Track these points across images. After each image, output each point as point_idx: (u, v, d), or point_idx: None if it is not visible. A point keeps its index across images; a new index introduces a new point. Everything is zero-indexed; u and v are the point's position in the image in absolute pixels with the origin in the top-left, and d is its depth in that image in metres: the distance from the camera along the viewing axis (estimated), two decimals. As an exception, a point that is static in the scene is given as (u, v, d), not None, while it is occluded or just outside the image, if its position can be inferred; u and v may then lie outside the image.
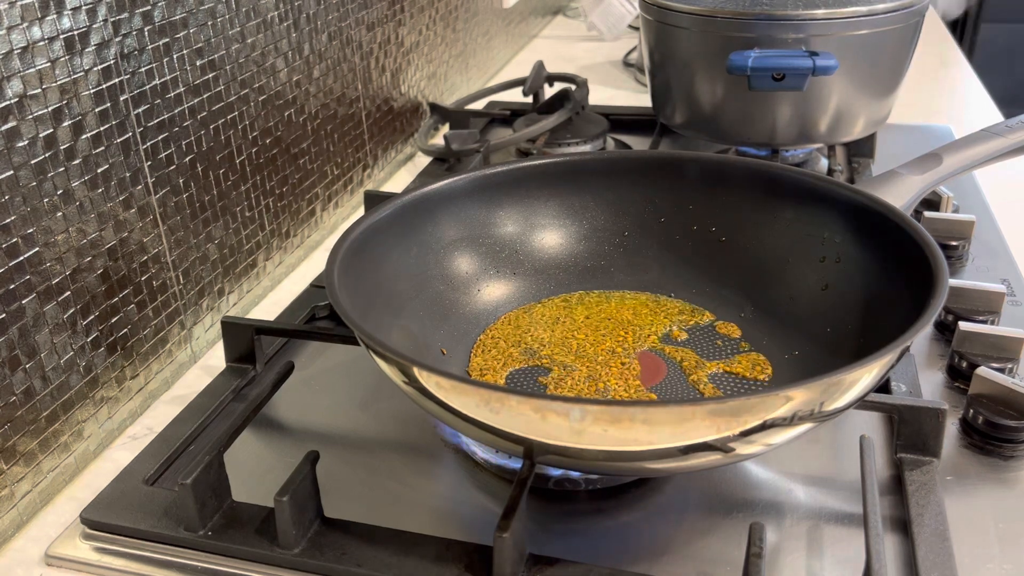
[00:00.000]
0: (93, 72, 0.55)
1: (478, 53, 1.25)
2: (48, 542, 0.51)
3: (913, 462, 0.53)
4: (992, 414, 0.55)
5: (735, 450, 0.43)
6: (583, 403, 0.41)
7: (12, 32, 0.49)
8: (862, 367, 0.42)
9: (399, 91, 1.00)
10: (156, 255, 0.62)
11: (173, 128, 0.63)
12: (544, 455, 0.45)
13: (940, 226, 0.75)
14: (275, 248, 0.78)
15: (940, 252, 0.50)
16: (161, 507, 0.51)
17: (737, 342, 0.61)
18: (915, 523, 0.48)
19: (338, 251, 0.54)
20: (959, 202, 0.82)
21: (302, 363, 0.65)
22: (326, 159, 0.85)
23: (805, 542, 0.49)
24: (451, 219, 0.63)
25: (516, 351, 0.61)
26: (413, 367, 0.44)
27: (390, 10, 0.95)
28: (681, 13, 0.82)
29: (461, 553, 0.47)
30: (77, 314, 0.55)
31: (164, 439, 0.57)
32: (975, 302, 0.65)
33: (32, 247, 0.52)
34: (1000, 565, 0.47)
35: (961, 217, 0.76)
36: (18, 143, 0.50)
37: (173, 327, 0.65)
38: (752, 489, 0.52)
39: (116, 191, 0.58)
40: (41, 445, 0.54)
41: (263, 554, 0.48)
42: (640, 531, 0.50)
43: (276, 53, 0.75)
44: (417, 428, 0.58)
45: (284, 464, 0.55)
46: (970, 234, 0.76)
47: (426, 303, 0.61)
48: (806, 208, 0.61)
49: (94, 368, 0.57)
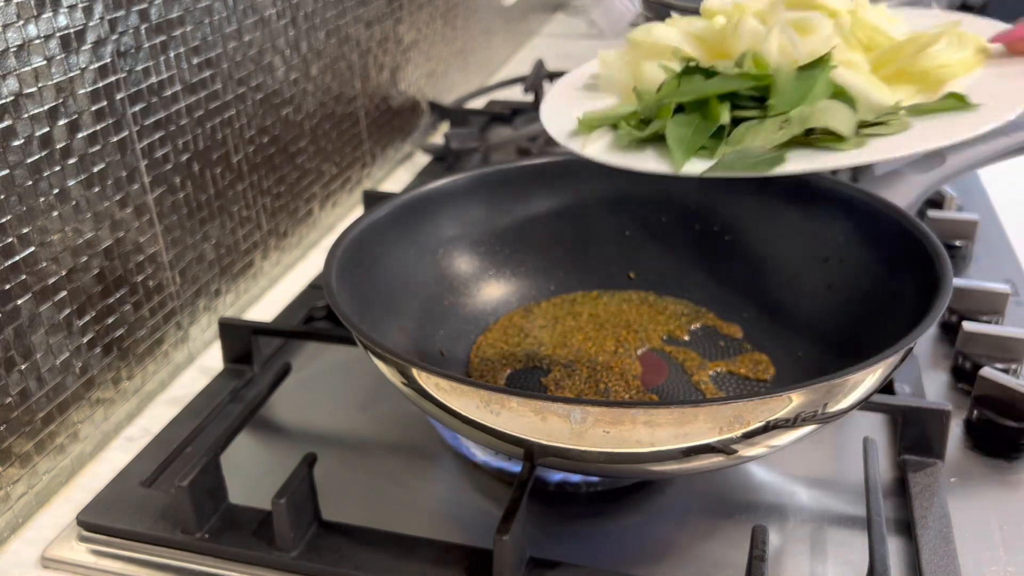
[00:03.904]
0: (89, 70, 0.54)
1: (478, 51, 1.25)
2: (44, 544, 0.50)
3: (917, 464, 0.52)
4: (996, 415, 0.55)
5: (737, 452, 0.43)
6: (584, 404, 0.40)
7: (8, 30, 0.48)
8: (865, 368, 0.41)
9: (398, 89, 0.99)
10: (153, 255, 0.62)
11: (170, 127, 0.62)
12: (544, 457, 0.44)
13: (944, 226, 0.75)
14: (273, 248, 0.77)
15: (944, 252, 0.49)
16: (158, 509, 0.50)
17: (740, 342, 0.60)
18: (919, 525, 0.48)
19: (336, 251, 0.53)
20: (963, 202, 0.82)
21: (300, 364, 0.64)
22: (324, 158, 0.84)
23: (808, 545, 0.48)
24: (450, 219, 0.63)
25: (516, 352, 0.60)
26: (412, 368, 0.43)
27: (389, 7, 0.95)
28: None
29: (460, 556, 0.47)
30: (73, 315, 0.55)
31: (161, 441, 0.57)
32: (979, 302, 0.65)
33: (28, 247, 0.51)
34: (1004, 568, 0.47)
35: (965, 217, 0.76)
36: (14, 142, 0.49)
37: (170, 328, 0.65)
38: (754, 491, 0.52)
39: (112, 190, 0.57)
40: (37, 447, 0.53)
41: (260, 557, 0.47)
42: (641, 534, 0.50)
43: (274, 51, 0.74)
44: (416, 430, 0.58)
45: (282, 466, 0.54)
46: (974, 234, 0.75)
47: (425, 303, 0.60)
48: (809, 208, 0.61)
49: (90, 369, 0.57)
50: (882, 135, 0.40)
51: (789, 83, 0.41)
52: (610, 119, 0.44)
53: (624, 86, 0.47)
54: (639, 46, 0.47)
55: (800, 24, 0.44)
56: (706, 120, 0.41)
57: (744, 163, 0.40)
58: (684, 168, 0.41)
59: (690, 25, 0.46)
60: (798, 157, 0.40)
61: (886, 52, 0.44)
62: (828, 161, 0.40)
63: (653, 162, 0.42)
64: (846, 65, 0.42)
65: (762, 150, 0.40)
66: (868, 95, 0.42)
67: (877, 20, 0.45)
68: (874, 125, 0.41)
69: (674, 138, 0.41)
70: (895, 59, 0.43)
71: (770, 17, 0.45)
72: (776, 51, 0.42)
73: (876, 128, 0.41)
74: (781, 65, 0.42)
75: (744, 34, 0.44)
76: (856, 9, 0.46)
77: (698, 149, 0.41)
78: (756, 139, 0.41)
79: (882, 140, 0.40)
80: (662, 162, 0.41)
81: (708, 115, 0.41)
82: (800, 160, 0.40)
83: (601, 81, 0.48)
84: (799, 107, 0.40)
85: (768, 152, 0.40)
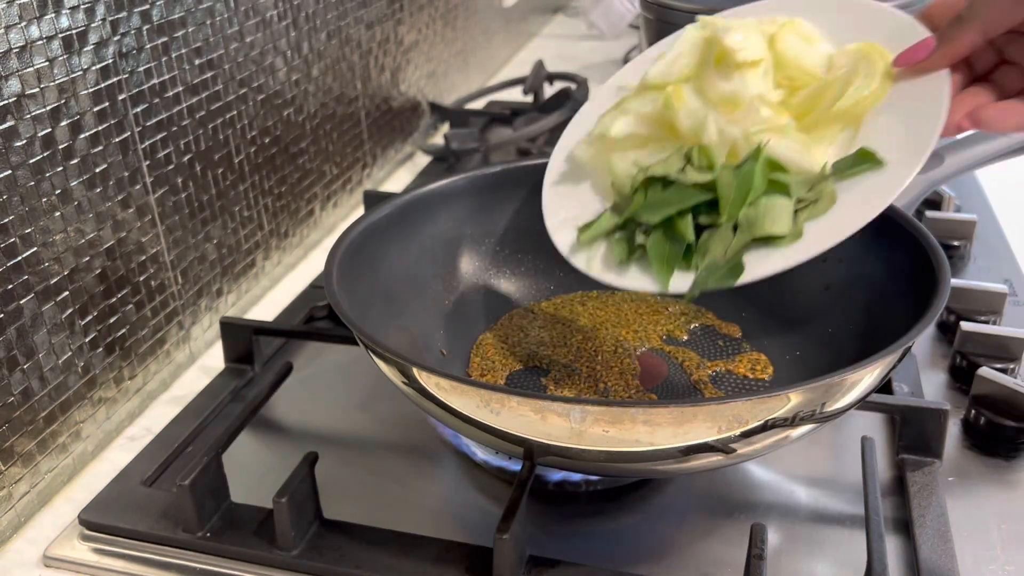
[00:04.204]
0: (91, 71, 0.55)
1: (478, 52, 1.25)
2: (46, 543, 0.51)
3: (915, 463, 0.53)
4: (994, 415, 0.55)
5: (736, 451, 0.43)
6: (584, 404, 0.40)
7: (10, 31, 0.49)
8: (864, 367, 0.42)
9: (398, 90, 1.00)
10: (154, 255, 0.62)
11: (171, 127, 0.63)
12: (544, 456, 0.44)
13: (942, 226, 0.75)
14: (274, 248, 0.78)
15: (942, 252, 0.50)
16: (159, 508, 0.50)
17: (738, 342, 0.61)
18: (917, 524, 0.48)
19: (337, 251, 0.54)
20: (961, 202, 0.82)
21: (301, 364, 0.65)
22: (325, 158, 0.85)
23: (807, 543, 0.49)
24: (451, 219, 0.63)
25: (516, 352, 0.60)
26: (413, 368, 0.44)
27: (389, 8, 0.95)
28: (682, 12, 0.82)
29: (461, 555, 0.47)
30: (75, 314, 0.55)
31: (162, 440, 0.57)
32: (977, 302, 0.65)
33: (30, 247, 0.51)
34: (1003, 566, 0.47)
35: (963, 217, 0.76)
36: (16, 143, 0.50)
37: (171, 327, 0.65)
38: (753, 490, 0.52)
39: (114, 191, 0.58)
40: (39, 446, 0.53)
41: (262, 555, 0.47)
42: (641, 533, 0.50)
43: (275, 52, 0.74)
44: (416, 429, 0.58)
45: (283, 465, 0.54)
46: (972, 234, 0.75)
47: (425, 303, 0.61)
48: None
49: (92, 369, 0.57)
50: (816, 216, 0.46)
51: (730, 185, 0.47)
52: (601, 233, 0.51)
53: (600, 180, 0.54)
54: (602, 139, 0.53)
55: (728, 100, 0.49)
56: (675, 241, 0.48)
57: (714, 277, 0.47)
58: (669, 287, 0.48)
59: (641, 107, 0.52)
60: (754, 260, 0.47)
61: (809, 98, 0.49)
62: (777, 263, 0.46)
63: (646, 282, 0.49)
64: (777, 132, 0.48)
65: (724, 259, 0.47)
66: (800, 164, 0.47)
67: (797, 54, 0.50)
68: (808, 206, 0.47)
69: (655, 259, 0.49)
70: (817, 105, 0.48)
71: (704, 87, 0.51)
72: (716, 136, 0.49)
73: (810, 209, 0.47)
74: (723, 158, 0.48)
75: (683, 118, 0.50)
76: (776, 38, 0.50)
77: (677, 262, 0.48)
78: (718, 247, 0.47)
79: (817, 226, 0.46)
80: (651, 281, 0.49)
81: (676, 235, 0.48)
82: (755, 266, 0.47)
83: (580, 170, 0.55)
84: (744, 209, 0.47)
85: (730, 259, 0.47)
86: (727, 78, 0.50)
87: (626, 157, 0.52)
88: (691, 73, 0.52)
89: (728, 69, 0.50)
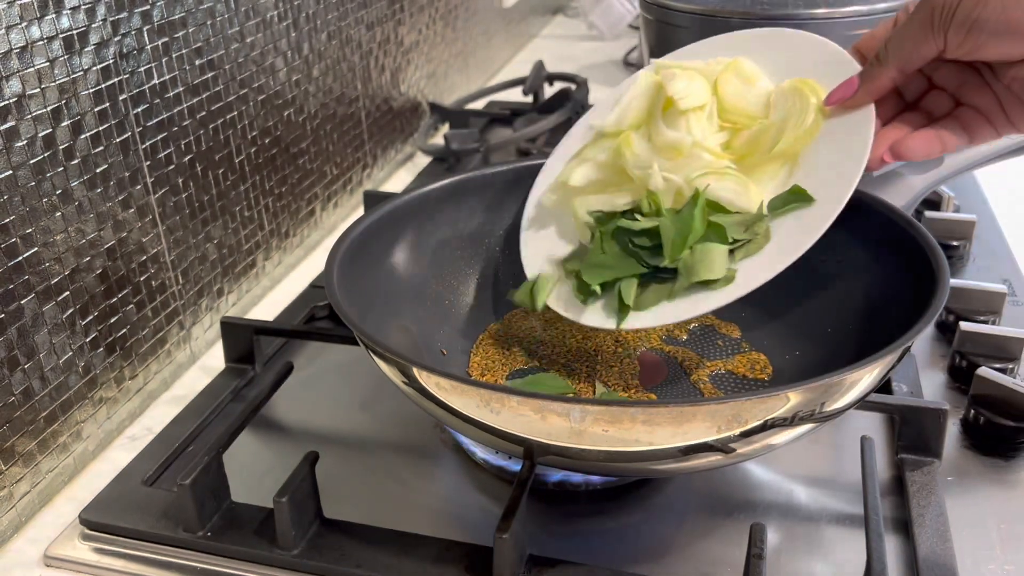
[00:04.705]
0: (92, 72, 0.55)
1: (478, 52, 1.25)
2: (47, 543, 0.51)
3: (914, 463, 0.53)
4: (993, 415, 0.55)
5: (736, 450, 0.43)
6: (583, 403, 0.41)
7: (11, 32, 0.49)
8: (863, 367, 0.42)
9: (399, 91, 1.00)
10: (155, 255, 0.62)
11: (172, 128, 0.63)
12: (544, 455, 0.45)
13: (941, 226, 0.75)
14: (274, 248, 0.78)
15: (941, 252, 0.50)
16: (160, 508, 0.51)
17: (738, 342, 0.61)
18: (916, 524, 0.48)
19: (337, 251, 0.54)
20: (960, 202, 0.82)
21: (301, 363, 0.65)
22: (325, 159, 0.85)
23: (806, 543, 0.49)
24: (451, 219, 0.63)
25: (516, 351, 0.60)
26: (413, 367, 0.44)
27: (389, 9, 0.95)
28: (682, 12, 0.82)
29: (461, 554, 0.47)
30: (76, 314, 0.55)
31: (163, 440, 0.57)
32: (976, 302, 0.65)
33: (31, 247, 0.51)
34: (1002, 566, 0.47)
35: (962, 217, 0.76)
36: (17, 143, 0.50)
37: (172, 327, 0.65)
38: (753, 490, 0.52)
39: (115, 191, 0.58)
40: (40, 446, 0.53)
41: (262, 555, 0.47)
42: (640, 532, 0.50)
43: (275, 53, 0.74)
44: (417, 429, 0.58)
45: (283, 465, 0.54)
46: (971, 234, 0.76)
47: (426, 303, 0.61)
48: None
49: (93, 368, 0.57)
50: (751, 255, 0.51)
51: (671, 229, 0.51)
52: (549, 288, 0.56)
53: (568, 223, 0.58)
54: (564, 187, 0.57)
55: (672, 146, 0.53)
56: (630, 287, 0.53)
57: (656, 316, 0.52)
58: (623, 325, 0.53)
59: (598, 154, 0.56)
60: (687, 302, 0.51)
61: (750, 141, 0.53)
62: (710, 303, 0.50)
63: (602, 320, 0.54)
64: (717, 175, 0.52)
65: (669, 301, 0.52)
66: (738, 204, 0.51)
67: (737, 97, 0.54)
68: (743, 245, 0.51)
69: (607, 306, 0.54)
70: (758, 148, 0.53)
71: (652, 134, 0.55)
72: (662, 182, 0.53)
73: (744, 249, 0.51)
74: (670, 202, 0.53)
75: (632, 166, 0.54)
76: (718, 82, 0.54)
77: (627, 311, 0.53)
78: (662, 291, 0.52)
79: (749, 264, 0.50)
80: (607, 319, 0.53)
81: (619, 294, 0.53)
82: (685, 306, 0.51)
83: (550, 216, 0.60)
84: (683, 254, 0.51)
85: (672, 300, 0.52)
86: (673, 125, 0.54)
87: (587, 202, 0.56)
88: (642, 119, 0.56)
89: (674, 115, 0.54)
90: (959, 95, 0.49)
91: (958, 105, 0.49)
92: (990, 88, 0.48)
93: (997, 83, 0.47)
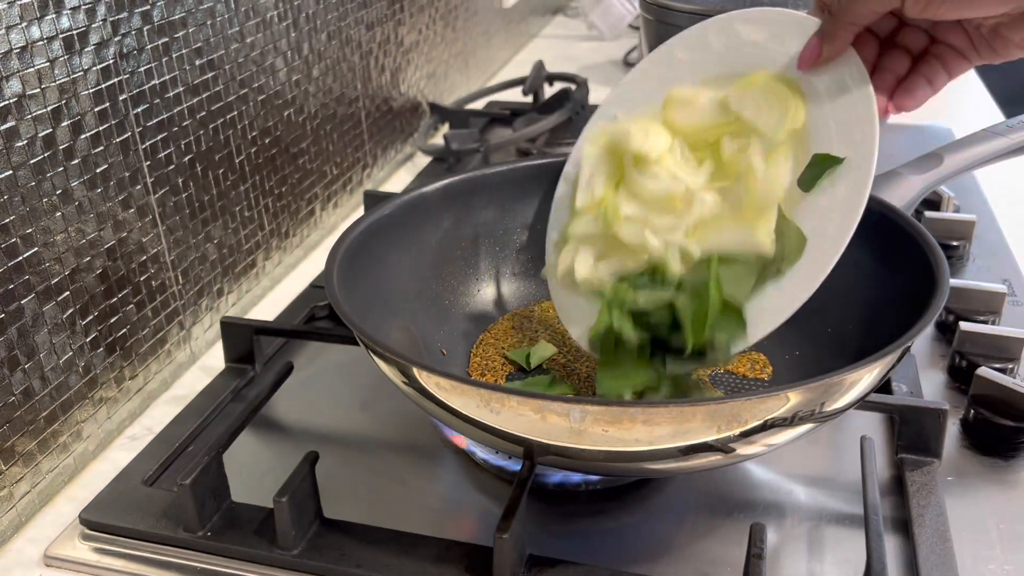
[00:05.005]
0: (92, 72, 0.55)
1: (478, 52, 1.25)
2: (47, 543, 0.51)
3: (914, 463, 0.53)
4: (993, 415, 0.55)
5: (736, 450, 0.43)
6: (583, 403, 0.41)
7: (11, 32, 0.49)
8: (863, 367, 0.42)
9: (398, 91, 1.00)
10: (155, 255, 0.62)
11: (172, 128, 0.63)
12: (544, 456, 0.45)
13: (941, 226, 0.75)
14: (274, 248, 0.78)
15: (941, 252, 0.50)
16: (160, 508, 0.51)
17: (737, 342, 0.61)
18: (916, 524, 0.48)
19: (337, 251, 0.54)
20: (960, 202, 0.82)
21: (301, 363, 0.65)
22: (325, 159, 0.85)
23: (806, 543, 0.49)
24: (451, 219, 0.63)
25: (516, 352, 0.60)
26: (413, 367, 0.44)
27: (389, 9, 0.95)
28: (681, 12, 0.82)
29: (461, 554, 0.47)
30: (76, 314, 0.55)
31: (163, 440, 0.57)
32: (976, 302, 0.65)
33: (31, 247, 0.51)
34: (1001, 565, 0.47)
35: (962, 217, 0.76)
36: (17, 143, 0.50)
37: (172, 327, 0.65)
38: (753, 490, 0.52)
39: (115, 191, 0.58)
40: (40, 445, 0.54)
41: (262, 555, 0.47)
42: (640, 532, 0.50)
43: (275, 53, 0.74)
44: (417, 429, 0.58)
45: (283, 465, 0.54)
46: (971, 234, 0.76)
47: (426, 303, 0.61)
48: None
49: (93, 368, 0.57)
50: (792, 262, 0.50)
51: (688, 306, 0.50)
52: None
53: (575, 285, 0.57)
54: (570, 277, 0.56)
55: (664, 199, 0.52)
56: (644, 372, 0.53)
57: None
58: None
59: (586, 229, 0.55)
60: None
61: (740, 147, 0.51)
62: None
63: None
64: (715, 226, 0.51)
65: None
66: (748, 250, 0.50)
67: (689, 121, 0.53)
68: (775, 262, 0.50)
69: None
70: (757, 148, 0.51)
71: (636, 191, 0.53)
72: (661, 246, 0.51)
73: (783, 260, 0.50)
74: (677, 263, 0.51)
75: (625, 234, 0.52)
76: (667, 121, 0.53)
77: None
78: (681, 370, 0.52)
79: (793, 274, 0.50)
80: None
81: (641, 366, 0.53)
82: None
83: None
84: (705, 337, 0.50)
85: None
86: (652, 176, 0.52)
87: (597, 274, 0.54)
88: (612, 185, 0.55)
89: (647, 165, 0.52)
90: (933, 32, 0.50)
91: (933, 41, 0.50)
92: (961, 25, 0.48)
93: (968, 22, 0.48)
